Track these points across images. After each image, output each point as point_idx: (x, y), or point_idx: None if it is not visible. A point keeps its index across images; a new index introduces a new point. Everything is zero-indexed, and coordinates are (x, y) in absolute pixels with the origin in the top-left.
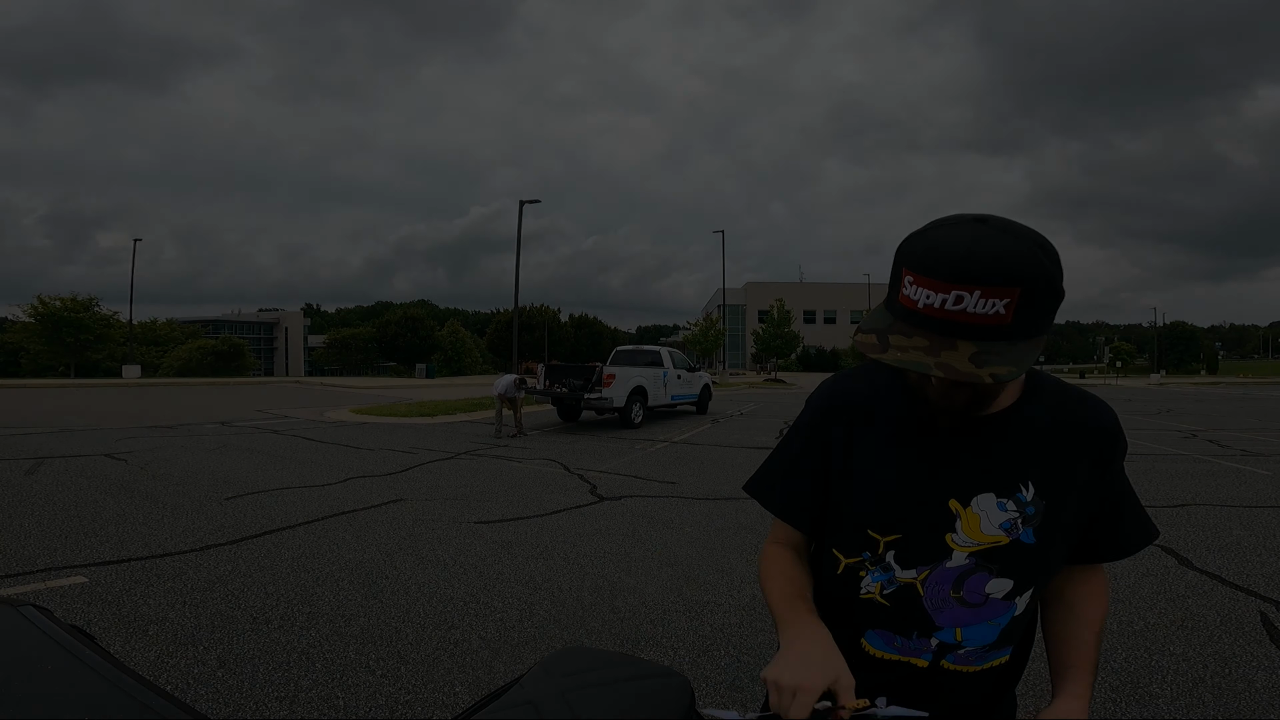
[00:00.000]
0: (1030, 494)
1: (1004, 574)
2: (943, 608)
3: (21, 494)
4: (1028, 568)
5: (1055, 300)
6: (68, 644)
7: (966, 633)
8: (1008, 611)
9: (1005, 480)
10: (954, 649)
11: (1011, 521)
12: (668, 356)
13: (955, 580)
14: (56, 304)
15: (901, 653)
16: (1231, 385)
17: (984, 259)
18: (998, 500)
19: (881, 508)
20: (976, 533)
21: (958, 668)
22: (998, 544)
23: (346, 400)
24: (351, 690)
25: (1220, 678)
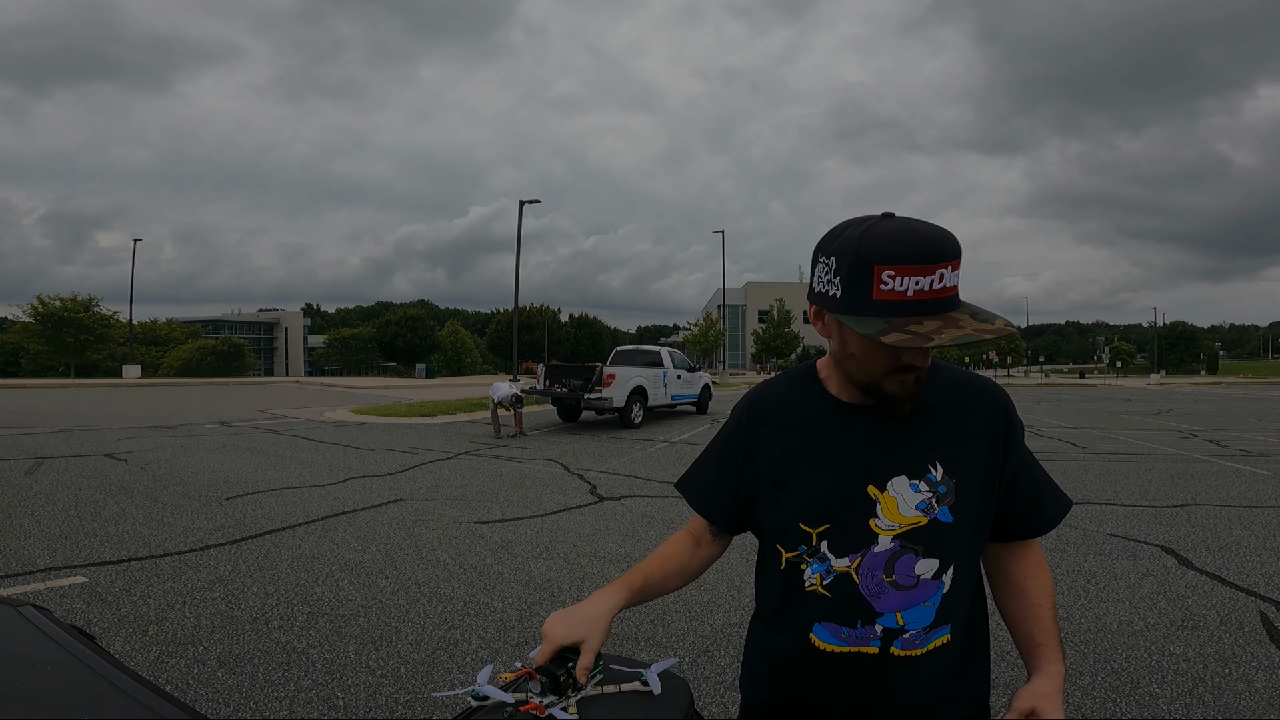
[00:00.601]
0: (940, 474)
1: (929, 554)
2: (879, 593)
3: (21, 494)
4: (950, 545)
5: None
6: (68, 644)
7: (906, 615)
8: (938, 591)
9: (915, 462)
10: (898, 634)
11: (926, 501)
12: (668, 356)
13: (885, 564)
14: (56, 304)
15: (850, 643)
16: (1231, 385)
17: (943, 238)
18: (910, 482)
19: (809, 502)
20: (896, 515)
21: (906, 653)
22: (917, 524)
23: (346, 400)
24: (351, 690)
25: (1220, 678)
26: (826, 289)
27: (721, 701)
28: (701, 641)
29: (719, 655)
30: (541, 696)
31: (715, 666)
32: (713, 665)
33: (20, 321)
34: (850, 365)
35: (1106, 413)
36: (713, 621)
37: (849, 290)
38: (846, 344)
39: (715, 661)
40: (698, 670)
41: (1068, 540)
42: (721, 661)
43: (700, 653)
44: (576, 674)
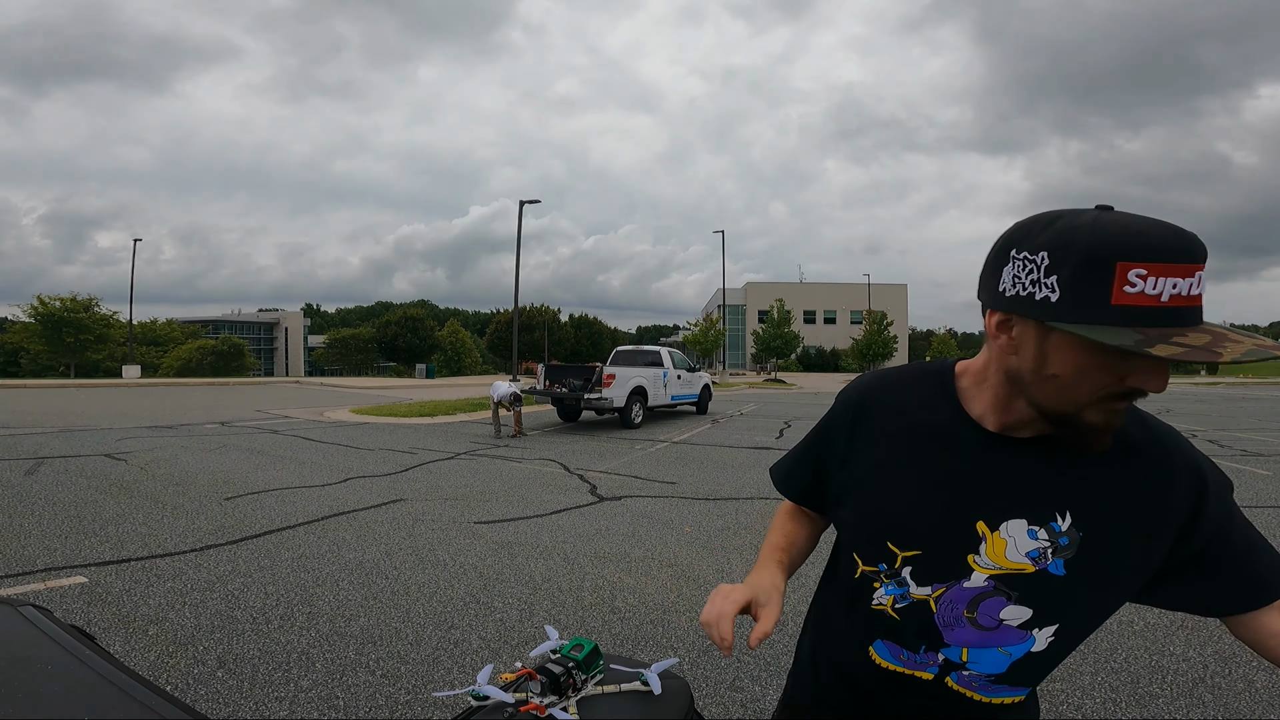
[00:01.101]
0: (1066, 524)
1: (1023, 602)
2: (954, 626)
3: (21, 494)
4: (1054, 601)
5: None
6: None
7: (973, 654)
8: (1023, 643)
9: (1040, 507)
10: (958, 668)
11: (1040, 550)
12: (668, 356)
13: (970, 601)
14: (56, 304)
15: (907, 665)
16: (1231, 385)
17: (1194, 236)
18: (1029, 528)
19: (904, 521)
20: (1000, 557)
21: (961, 689)
22: (1021, 571)
23: (346, 400)
24: (351, 690)
25: (1220, 678)
26: (1032, 291)
27: (721, 701)
28: (701, 641)
29: (719, 655)
30: (542, 696)
31: (715, 666)
32: (713, 665)
33: (20, 321)
34: (1042, 389)
35: None
36: None
37: (1075, 293)
38: (1047, 361)
39: (715, 661)
40: (698, 670)
41: None
42: (721, 662)
43: (700, 653)
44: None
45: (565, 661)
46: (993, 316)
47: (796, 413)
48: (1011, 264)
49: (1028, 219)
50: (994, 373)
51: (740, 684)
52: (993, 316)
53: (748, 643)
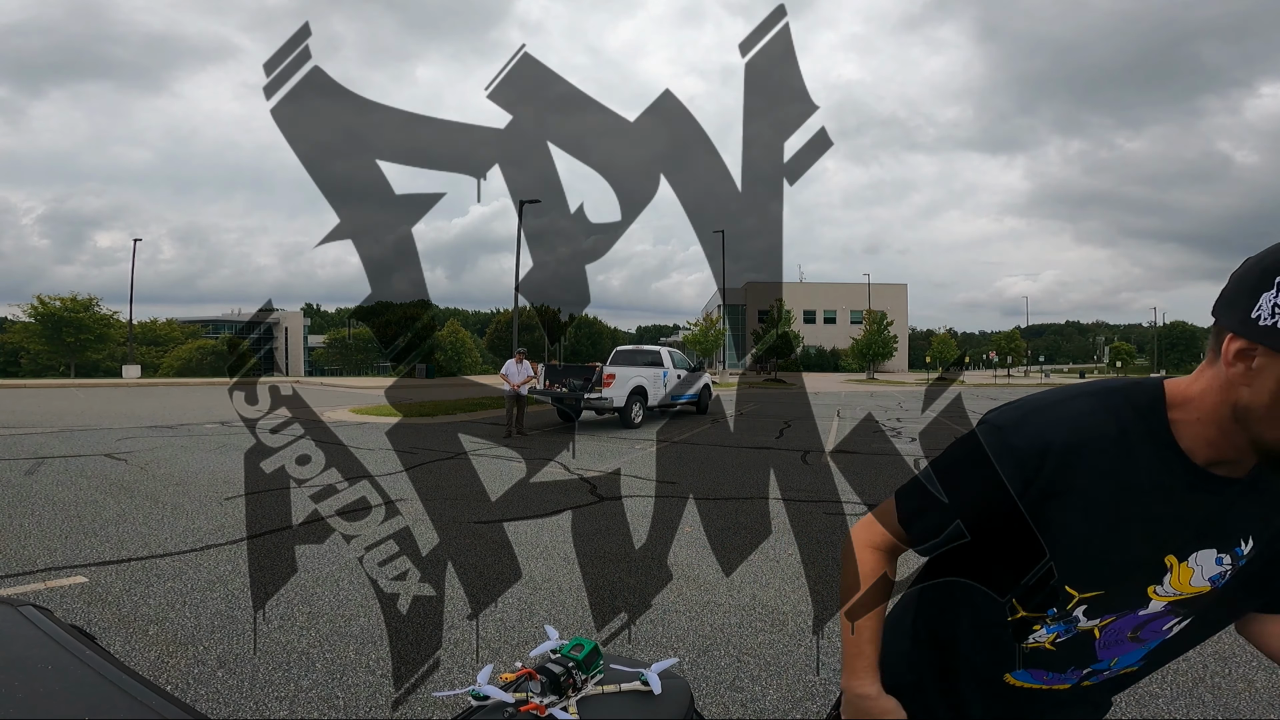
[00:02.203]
0: (1248, 549)
1: (1188, 615)
2: (1112, 645)
3: (21, 494)
4: (1213, 610)
5: None
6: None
7: (1121, 660)
8: (1159, 637)
9: (1229, 536)
10: (1100, 673)
11: (1222, 574)
12: (668, 356)
13: (1139, 625)
14: (56, 304)
15: (1045, 684)
16: None
17: None
18: (1217, 555)
19: (1093, 569)
20: (1184, 585)
21: (1093, 684)
22: (1200, 594)
23: (346, 400)
24: (351, 690)
25: (1220, 677)
26: None
27: (721, 701)
28: (701, 641)
29: (719, 655)
30: (542, 696)
31: (715, 666)
32: (713, 665)
33: (20, 321)
34: (1274, 428)
35: None
36: (713, 621)
37: None
38: None
39: (715, 661)
40: (698, 670)
41: None
42: (721, 662)
43: (700, 653)
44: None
45: (565, 661)
46: (1234, 342)
47: (797, 412)
48: (1276, 291)
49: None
50: (1216, 404)
51: (740, 684)
52: (1234, 342)
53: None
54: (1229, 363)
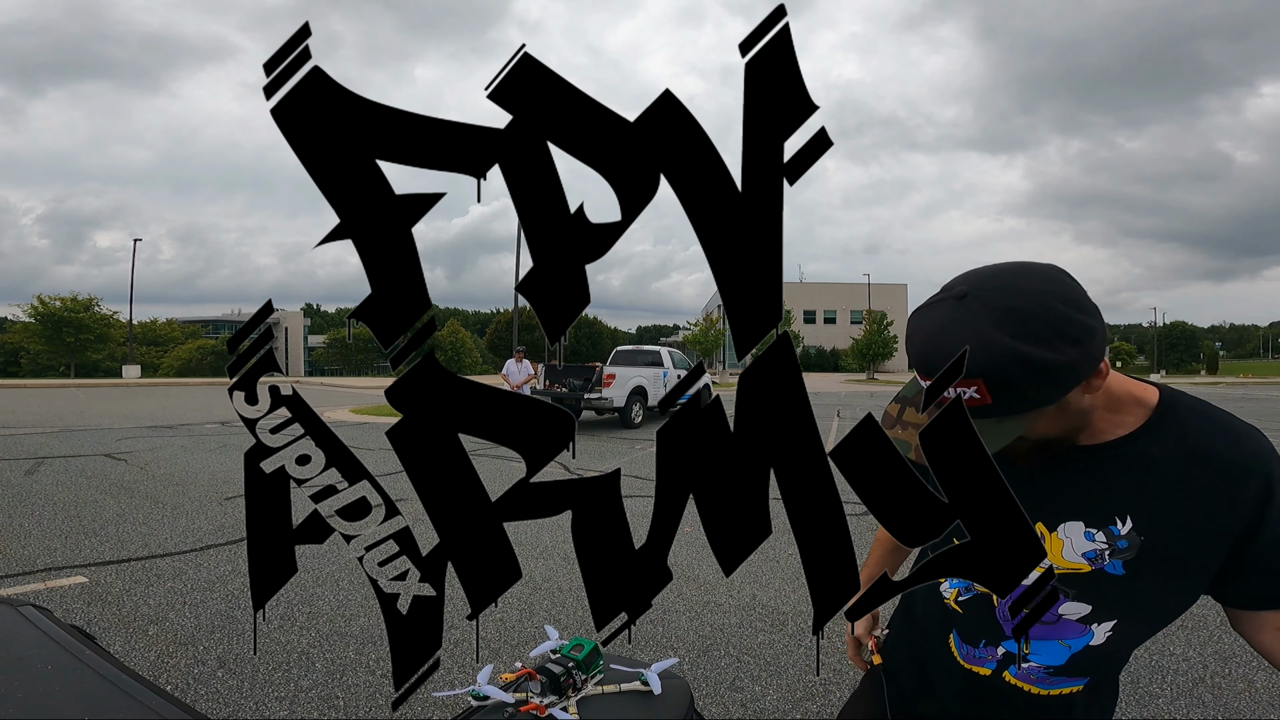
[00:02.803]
0: (1125, 529)
1: (1081, 599)
2: (1008, 620)
3: (21, 494)
4: (1113, 599)
5: (1040, 375)
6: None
7: (1036, 645)
8: (1082, 637)
9: (1099, 511)
10: (1018, 661)
11: (1097, 552)
12: (668, 356)
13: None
14: (56, 304)
15: (967, 660)
16: (1232, 385)
17: (941, 354)
18: (1085, 530)
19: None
20: (1056, 557)
21: (1018, 683)
22: (1077, 571)
23: (346, 400)
24: (351, 690)
25: (1220, 678)
26: None
27: (721, 701)
28: (701, 641)
29: (719, 655)
30: (542, 696)
31: (715, 666)
32: (713, 665)
33: (20, 321)
34: None
35: None
36: (713, 621)
37: None
38: None
39: (715, 661)
40: (698, 670)
41: None
42: (721, 662)
43: (700, 653)
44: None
45: (565, 661)
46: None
47: None
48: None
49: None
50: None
51: (740, 684)
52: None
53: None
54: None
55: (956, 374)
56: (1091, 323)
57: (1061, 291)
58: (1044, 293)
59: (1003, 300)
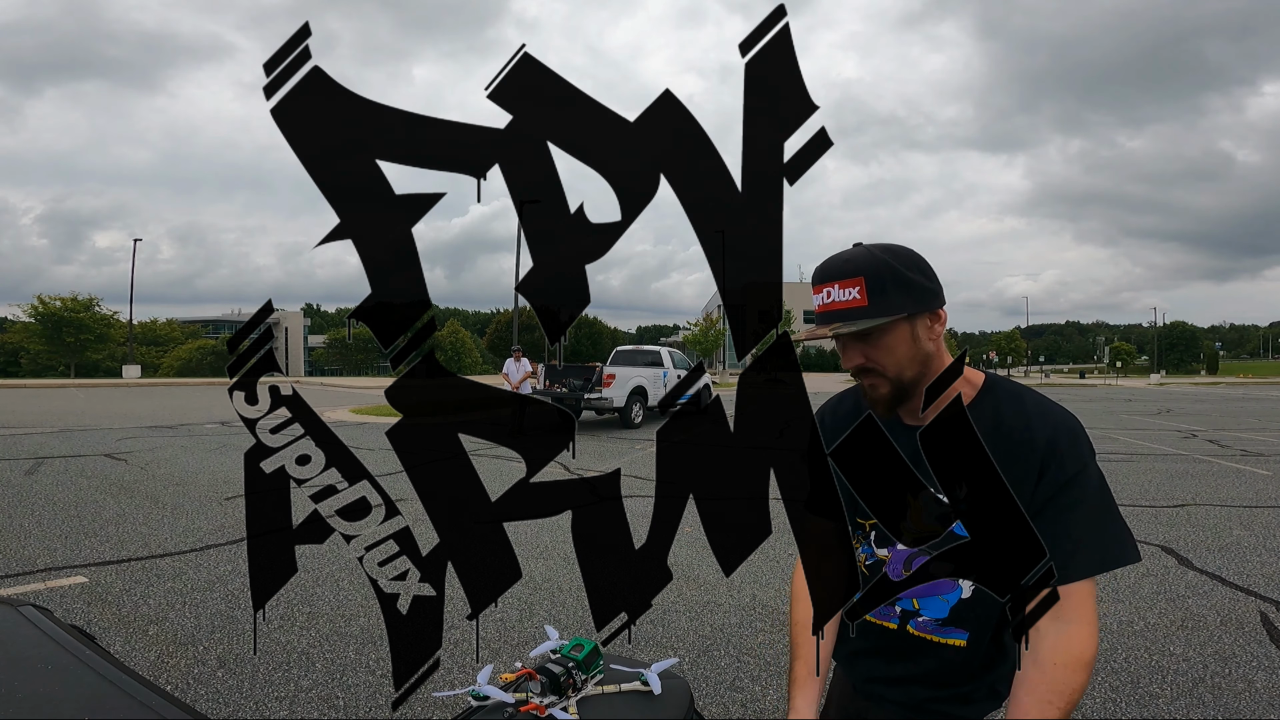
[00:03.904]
0: (963, 491)
1: (942, 558)
2: (900, 579)
3: (21, 494)
4: (964, 555)
5: (902, 286)
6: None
7: (922, 602)
8: (954, 591)
9: (943, 479)
10: (914, 615)
11: (943, 515)
12: (668, 356)
13: (906, 560)
14: (57, 304)
15: (877, 617)
16: (1232, 385)
17: (838, 263)
18: (935, 494)
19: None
20: (919, 521)
21: (919, 634)
22: (934, 533)
23: (346, 400)
24: (351, 690)
25: (1220, 678)
26: None
27: (721, 701)
28: (701, 641)
29: (719, 655)
30: (542, 696)
31: (715, 666)
32: (713, 665)
33: (20, 321)
34: None
35: (1107, 412)
36: (713, 621)
37: None
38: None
39: (715, 661)
40: (698, 670)
41: None
42: (721, 662)
43: (700, 653)
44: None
45: (565, 661)
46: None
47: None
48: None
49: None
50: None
51: (740, 684)
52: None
53: None
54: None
55: (847, 274)
56: (937, 285)
57: (922, 259)
58: (911, 251)
59: (887, 246)
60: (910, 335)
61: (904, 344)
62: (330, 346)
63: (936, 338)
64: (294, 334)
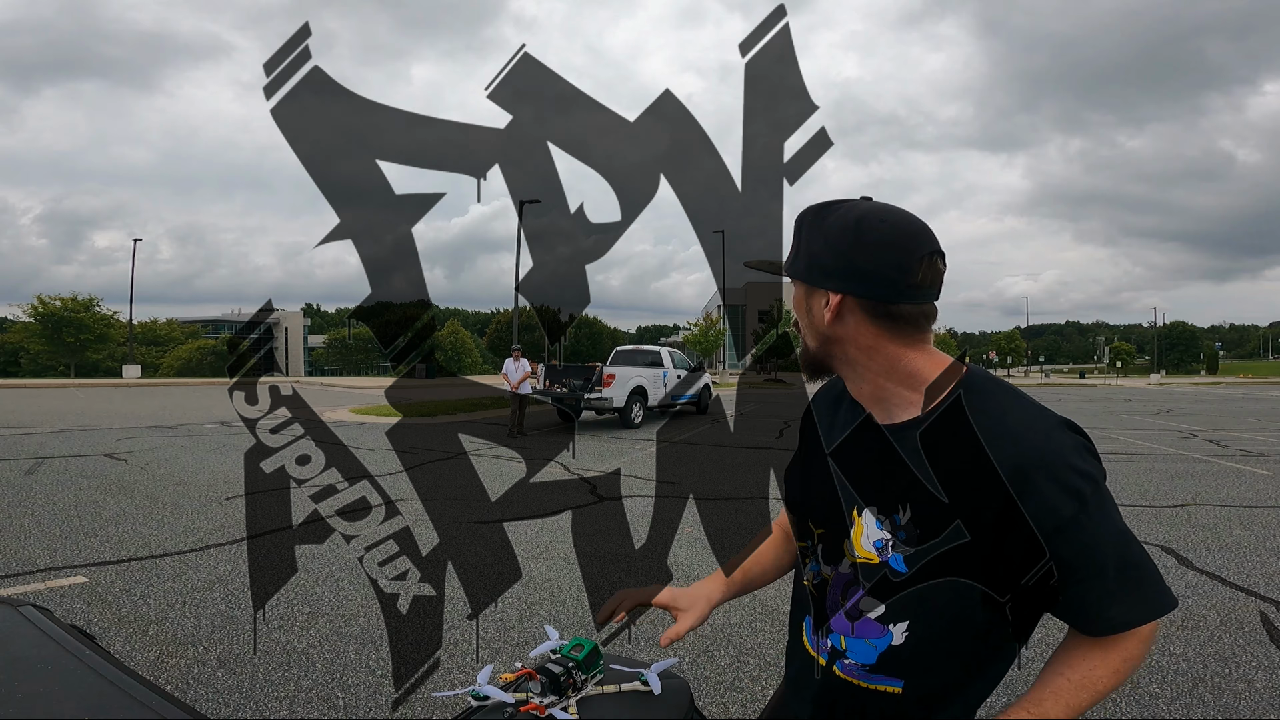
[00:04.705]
0: (905, 518)
1: (873, 594)
2: (835, 611)
3: (21, 494)
4: (899, 599)
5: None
6: (68, 644)
7: (849, 643)
8: (883, 637)
9: (887, 498)
10: (841, 656)
11: (884, 542)
12: (668, 356)
13: (844, 587)
14: (57, 304)
15: (813, 647)
16: (1231, 385)
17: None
18: (876, 517)
19: (810, 502)
20: (859, 545)
21: (846, 678)
22: (869, 561)
23: (346, 400)
24: (351, 690)
25: (1220, 678)
26: None
27: (721, 701)
28: (701, 641)
29: (719, 655)
30: (542, 696)
31: (715, 666)
32: (713, 665)
33: (20, 321)
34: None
35: (1107, 413)
36: (713, 621)
37: None
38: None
39: (715, 661)
40: (698, 670)
41: None
42: (721, 662)
43: (700, 653)
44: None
45: (565, 661)
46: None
47: (796, 413)
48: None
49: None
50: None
51: (740, 684)
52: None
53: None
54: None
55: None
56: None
57: (887, 245)
58: (886, 231)
59: (872, 208)
60: (805, 305)
61: (800, 309)
62: (330, 346)
63: (837, 321)
64: (294, 334)
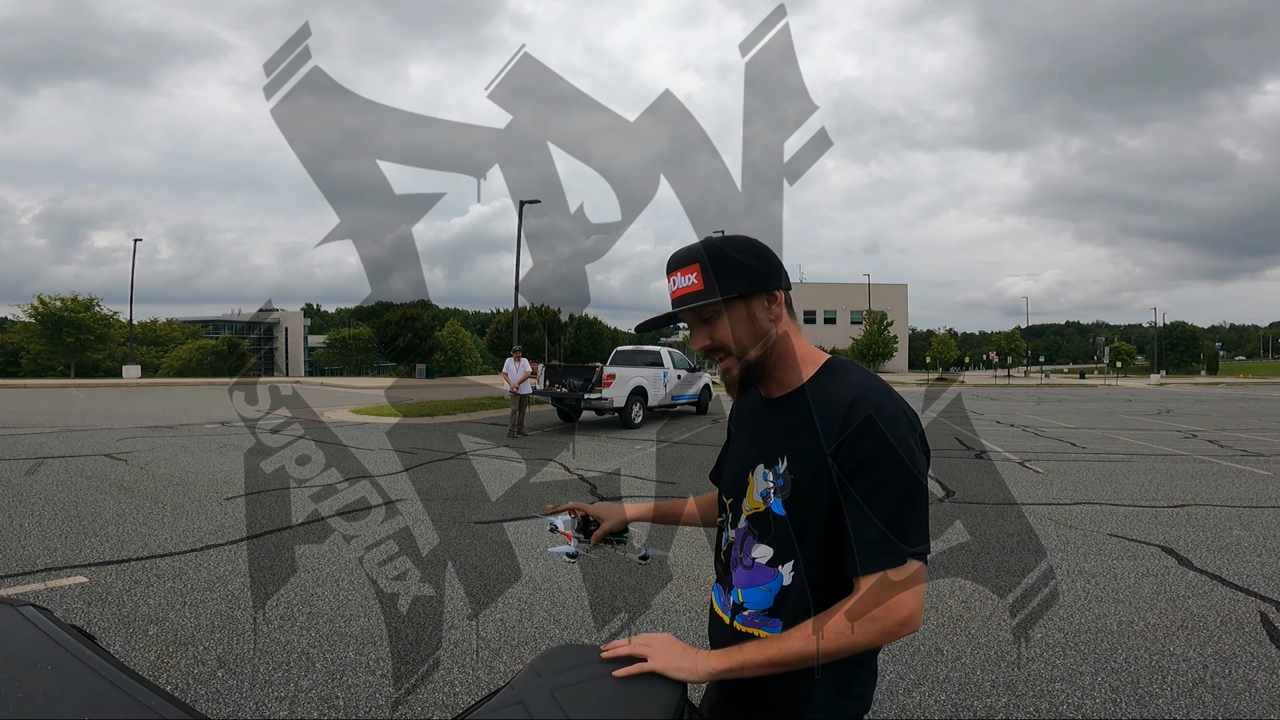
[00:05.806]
0: (783, 466)
1: (763, 540)
2: (735, 567)
3: (21, 494)
4: (781, 537)
5: (733, 269)
6: (68, 644)
7: (745, 594)
8: (774, 579)
9: (770, 452)
10: (741, 610)
11: (767, 490)
12: (668, 356)
13: (741, 541)
14: (57, 304)
15: (721, 607)
16: (1231, 385)
17: (680, 254)
18: (764, 470)
19: (725, 478)
20: (752, 499)
21: (746, 629)
22: (757, 510)
23: (346, 400)
24: (351, 690)
25: (1220, 678)
26: None
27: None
28: (701, 641)
29: None
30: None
31: None
32: None
33: (20, 321)
34: None
35: (1107, 413)
36: None
37: None
38: None
39: None
40: None
41: (1068, 541)
42: None
43: (697, 639)
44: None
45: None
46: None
47: None
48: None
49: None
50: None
51: None
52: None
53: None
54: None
55: (685, 262)
56: (770, 269)
57: (759, 246)
58: (750, 240)
59: (730, 238)
60: (747, 315)
61: (742, 323)
62: (330, 346)
63: (777, 318)
64: (294, 334)
